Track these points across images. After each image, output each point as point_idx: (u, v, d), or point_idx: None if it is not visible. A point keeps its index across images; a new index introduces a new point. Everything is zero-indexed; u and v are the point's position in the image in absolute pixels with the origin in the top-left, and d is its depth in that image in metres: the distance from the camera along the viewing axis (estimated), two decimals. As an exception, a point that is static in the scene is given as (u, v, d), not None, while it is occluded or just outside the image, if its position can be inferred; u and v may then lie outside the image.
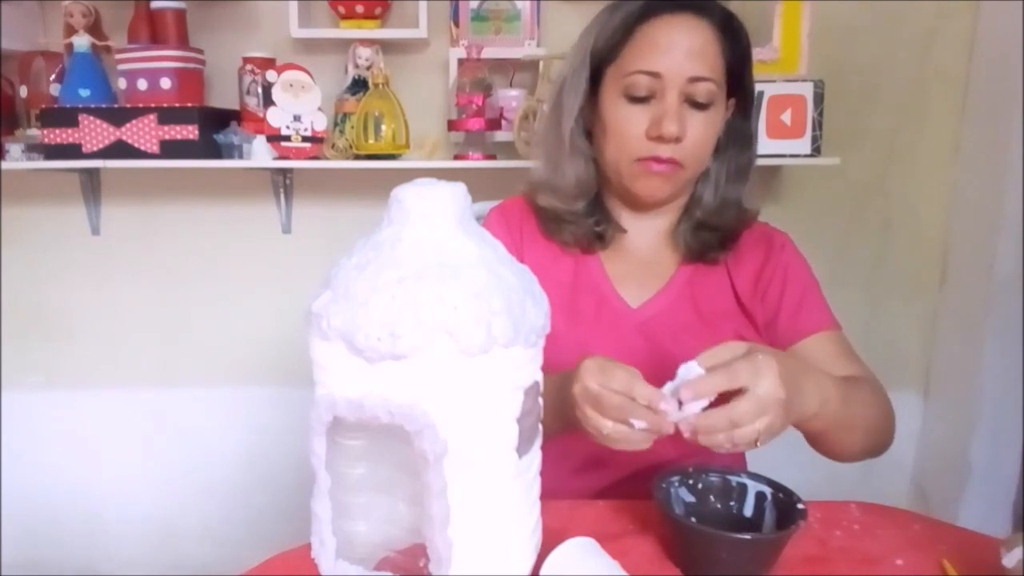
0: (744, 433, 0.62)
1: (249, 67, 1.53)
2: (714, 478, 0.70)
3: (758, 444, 0.64)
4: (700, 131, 0.84)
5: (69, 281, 1.73)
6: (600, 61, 0.88)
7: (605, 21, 0.88)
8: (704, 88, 0.83)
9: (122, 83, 1.45)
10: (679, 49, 0.82)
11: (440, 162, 1.55)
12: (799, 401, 0.66)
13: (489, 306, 0.52)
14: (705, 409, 0.63)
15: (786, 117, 1.45)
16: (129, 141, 1.45)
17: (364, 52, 1.53)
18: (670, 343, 0.88)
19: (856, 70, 1.63)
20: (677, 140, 0.83)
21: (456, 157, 1.56)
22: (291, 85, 1.42)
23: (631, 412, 0.65)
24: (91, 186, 1.67)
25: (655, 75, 0.82)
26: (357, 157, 1.51)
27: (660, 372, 0.69)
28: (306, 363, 0.57)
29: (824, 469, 1.11)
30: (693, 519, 0.66)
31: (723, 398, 0.64)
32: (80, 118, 1.43)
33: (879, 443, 0.84)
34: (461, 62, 1.54)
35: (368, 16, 1.52)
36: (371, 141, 1.48)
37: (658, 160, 0.84)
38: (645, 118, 0.84)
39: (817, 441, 0.80)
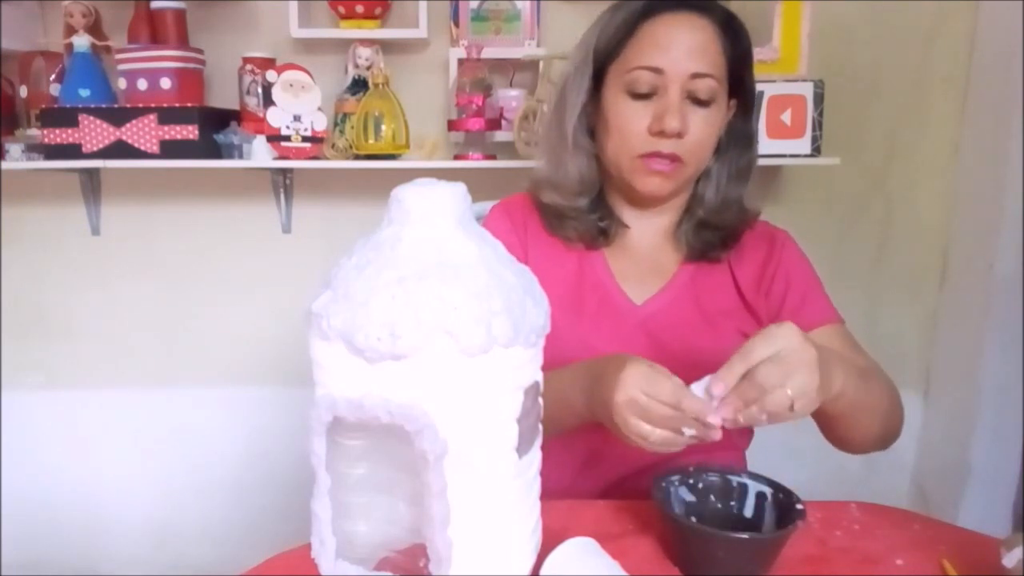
0: (775, 399, 0.62)
1: (249, 67, 1.53)
2: (714, 478, 0.70)
3: (794, 409, 0.62)
4: (701, 127, 0.85)
5: (69, 281, 1.73)
6: (603, 59, 0.88)
7: (608, 20, 0.88)
8: (705, 85, 0.83)
9: (122, 83, 1.45)
10: (681, 46, 0.83)
11: (440, 162, 1.55)
12: (825, 373, 0.66)
13: (489, 306, 0.52)
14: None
15: (786, 117, 1.45)
16: (129, 141, 1.45)
17: (364, 52, 1.53)
18: (673, 340, 0.88)
19: (856, 70, 1.63)
20: (679, 135, 0.83)
21: (456, 157, 1.56)
22: (291, 85, 1.42)
23: (681, 423, 0.65)
24: (91, 186, 1.67)
25: (657, 71, 0.83)
26: (357, 157, 1.51)
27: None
28: (306, 363, 0.57)
29: (824, 469, 1.12)
30: (693, 519, 0.66)
31: None
32: (80, 118, 1.43)
33: (892, 431, 0.84)
34: (461, 62, 1.54)
35: (368, 16, 1.52)
36: (371, 141, 1.48)
37: (660, 156, 0.85)
38: (647, 114, 0.84)
39: (835, 424, 0.79)
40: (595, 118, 0.92)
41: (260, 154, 1.48)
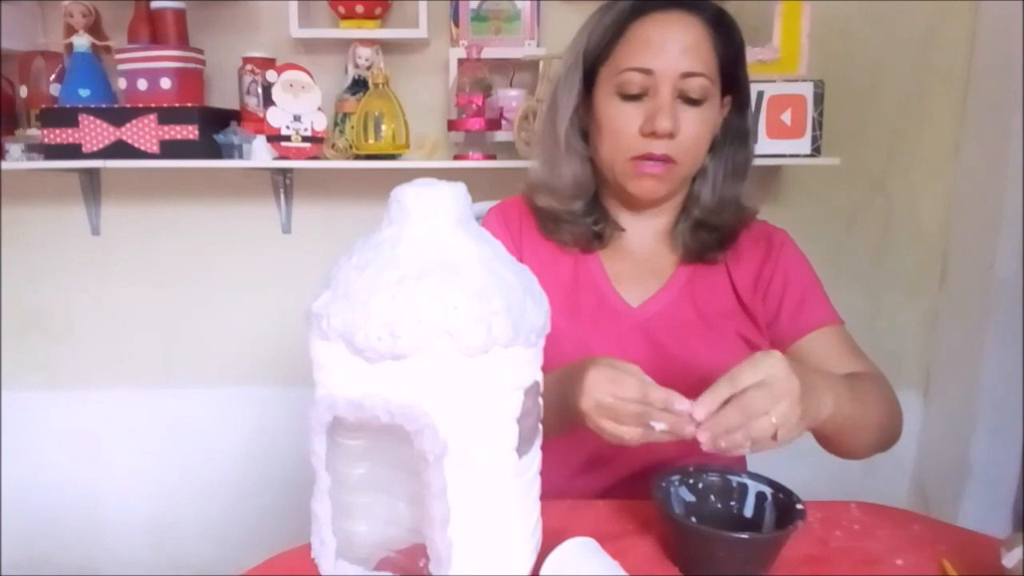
0: (760, 426, 0.61)
1: (249, 67, 1.53)
2: (714, 478, 0.70)
3: (777, 439, 0.63)
4: (694, 127, 0.84)
5: (69, 281, 1.73)
6: (594, 61, 0.88)
7: (598, 21, 0.88)
8: (697, 84, 0.83)
9: (122, 83, 1.45)
10: (671, 46, 0.82)
11: (440, 162, 1.55)
12: (814, 398, 0.66)
13: (489, 306, 0.52)
14: None
15: (786, 117, 1.45)
16: (129, 141, 1.45)
17: (364, 52, 1.53)
18: (671, 342, 0.88)
19: (856, 70, 1.63)
20: (671, 136, 0.83)
21: (456, 157, 1.56)
22: (291, 85, 1.42)
23: (650, 416, 0.65)
24: (91, 186, 1.67)
25: (647, 72, 0.83)
26: (357, 157, 1.51)
27: (661, 371, 0.69)
28: (306, 363, 0.57)
29: (824, 469, 1.11)
30: (693, 518, 0.66)
31: None
32: (80, 118, 1.43)
33: (889, 438, 0.84)
34: (461, 62, 1.54)
35: (368, 16, 1.52)
36: (371, 141, 1.48)
37: (652, 157, 0.84)
38: (639, 115, 0.84)
39: (830, 442, 0.80)
40: (587, 120, 0.91)
41: (260, 154, 1.48)
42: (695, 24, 0.83)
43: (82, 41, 1.44)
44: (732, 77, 0.88)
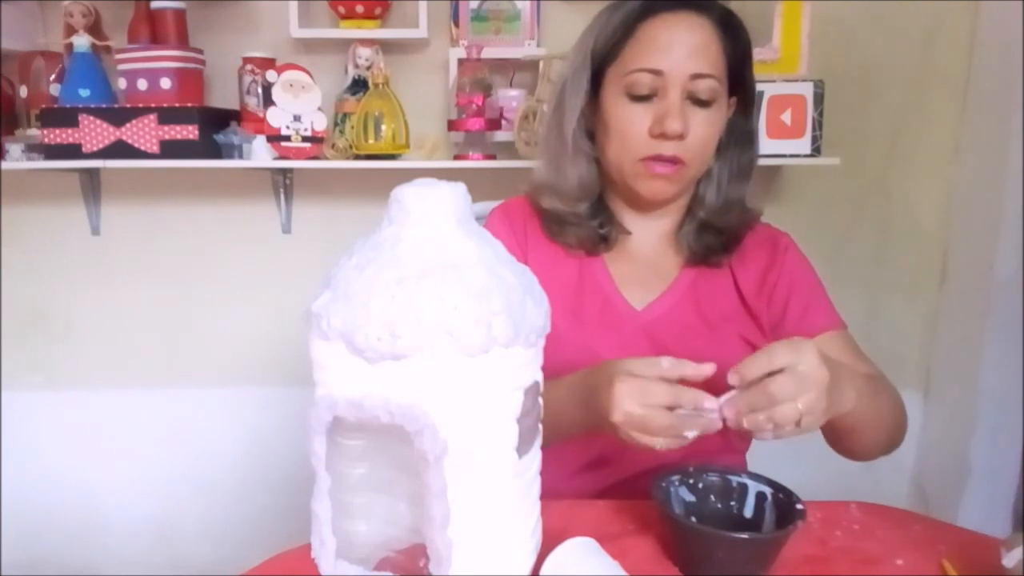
0: (784, 411, 0.62)
1: (249, 67, 1.53)
2: (714, 478, 0.70)
3: (800, 425, 0.63)
4: (703, 128, 0.84)
5: (69, 281, 1.73)
6: (601, 61, 0.88)
7: (605, 21, 0.87)
8: (706, 85, 0.83)
9: (122, 83, 1.46)
10: (680, 46, 0.82)
11: (440, 162, 1.55)
12: (839, 391, 0.66)
13: (489, 306, 0.52)
14: None
15: (786, 117, 1.45)
16: (129, 141, 1.45)
17: (364, 52, 1.53)
18: (675, 345, 0.87)
19: (856, 70, 1.63)
20: (680, 137, 0.83)
21: (456, 157, 1.56)
22: (291, 85, 1.42)
23: (681, 427, 0.65)
24: (91, 186, 1.67)
25: (657, 73, 0.82)
26: (357, 157, 1.51)
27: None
28: (306, 363, 0.57)
29: (824, 469, 1.12)
30: (693, 518, 0.66)
31: None
32: (80, 118, 1.43)
33: (895, 440, 0.84)
34: (461, 62, 1.54)
35: (368, 16, 1.52)
36: (371, 141, 1.48)
37: (661, 159, 0.84)
38: (648, 116, 0.84)
39: (843, 438, 0.80)
40: (594, 121, 0.91)
41: (260, 154, 1.48)
42: (704, 25, 0.83)
43: (82, 41, 1.45)
44: (739, 78, 0.88)
